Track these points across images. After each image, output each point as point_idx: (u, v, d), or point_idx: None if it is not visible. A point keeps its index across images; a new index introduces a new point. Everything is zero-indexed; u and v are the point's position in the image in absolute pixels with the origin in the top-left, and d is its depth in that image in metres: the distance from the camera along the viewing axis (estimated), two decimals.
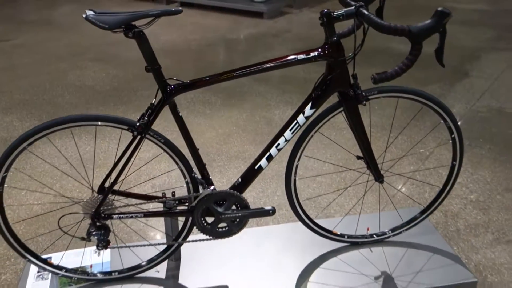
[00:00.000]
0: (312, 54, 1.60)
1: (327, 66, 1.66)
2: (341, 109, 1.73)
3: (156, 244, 1.87)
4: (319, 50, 1.60)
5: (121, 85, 4.29)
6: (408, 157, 3.02)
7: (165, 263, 1.93)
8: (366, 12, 1.48)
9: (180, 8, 1.48)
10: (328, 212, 2.57)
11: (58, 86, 4.28)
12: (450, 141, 1.87)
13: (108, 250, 2.01)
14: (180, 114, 1.66)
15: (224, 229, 1.79)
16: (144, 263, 1.88)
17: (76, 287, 1.85)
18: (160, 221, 2.41)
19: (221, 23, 6.27)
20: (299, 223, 2.05)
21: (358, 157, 1.91)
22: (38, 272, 1.92)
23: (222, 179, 2.87)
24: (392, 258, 1.96)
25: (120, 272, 1.87)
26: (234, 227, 1.79)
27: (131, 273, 1.87)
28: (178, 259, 1.97)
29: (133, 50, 5.33)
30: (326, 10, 1.54)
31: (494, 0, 7.25)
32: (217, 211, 1.74)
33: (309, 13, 6.72)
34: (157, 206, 1.81)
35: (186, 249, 1.98)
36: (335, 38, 1.59)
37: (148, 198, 1.75)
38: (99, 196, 1.67)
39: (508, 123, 3.51)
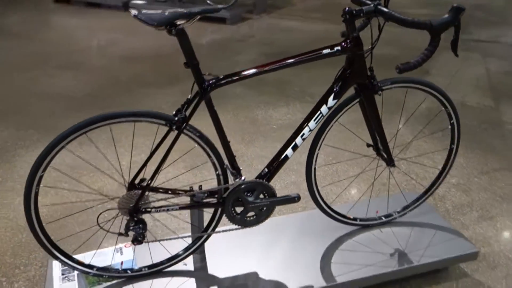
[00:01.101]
0: (336, 48, 1.73)
1: (346, 60, 1.80)
2: (358, 99, 1.87)
3: (187, 236, 1.93)
4: (342, 44, 1.74)
5: (97, 92, 4.25)
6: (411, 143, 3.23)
7: (191, 257, 1.99)
8: (385, 10, 1.63)
9: (220, 6, 1.57)
10: (341, 198, 2.71)
11: (30, 95, 4.17)
12: (449, 127, 2.07)
13: (130, 248, 2.05)
14: (215, 108, 1.74)
15: (252, 218, 1.88)
16: (173, 257, 1.93)
17: (105, 285, 1.87)
18: (179, 216, 2.46)
19: (187, 29, 6.31)
20: (313, 211, 2.18)
21: (368, 145, 2.06)
22: (62, 274, 1.92)
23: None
24: (401, 236, 2.13)
25: (149, 267, 1.91)
26: (262, 216, 1.89)
27: (161, 268, 1.92)
28: (202, 252, 2.03)
29: (99, 57, 5.33)
30: (348, 8, 1.68)
31: (439, 5, 7.78)
32: (247, 201, 1.82)
33: (268, 19, 6.91)
34: (186, 200, 1.86)
35: (208, 242, 2.04)
36: (355, 34, 1.73)
37: (179, 192, 1.81)
38: (136, 191, 1.71)
39: (471, 115, 3.82)
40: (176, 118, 1.66)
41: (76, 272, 1.92)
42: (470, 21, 6.75)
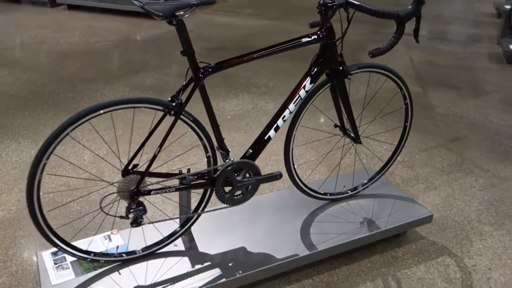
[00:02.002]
0: (312, 37, 1.92)
1: (320, 48, 1.99)
2: (330, 84, 2.07)
3: (180, 217, 2.02)
4: (318, 33, 1.93)
5: (40, 89, 4.12)
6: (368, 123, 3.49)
7: (179, 238, 2.09)
8: (356, 2, 1.84)
9: None
10: (313, 175, 2.92)
11: None
12: (404, 106, 2.35)
13: (118, 234, 2.10)
14: (207, 93, 1.85)
15: (239, 196, 2.02)
16: (164, 239, 2.02)
17: (100, 270, 1.92)
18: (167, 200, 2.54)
19: (120, 25, 6.23)
20: (287, 190, 2.36)
21: (336, 125, 2.28)
22: (55, 263, 1.94)
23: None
24: (366, 207, 2.37)
25: (143, 249, 1.98)
26: (248, 193, 2.03)
27: (154, 250, 2.00)
28: (189, 233, 2.13)
29: (33, 54, 5.14)
30: (322, 1, 1.87)
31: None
32: (236, 180, 1.96)
33: (202, 15, 6.99)
34: (181, 182, 1.95)
35: (194, 224, 2.15)
36: (328, 24, 1.92)
37: (172, 175, 1.90)
38: (134, 176, 1.78)
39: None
40: (174, 104, 1.75)
41: (69, 260, 1.95)
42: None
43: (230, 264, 1.97)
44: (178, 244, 2.07)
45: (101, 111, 1.67)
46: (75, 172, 2.89)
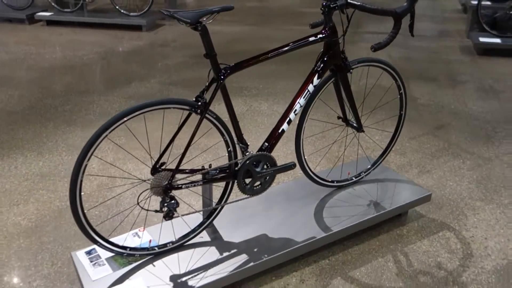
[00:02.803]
0: (318, 36, 2.10)
1: (325, 46, 2.18)
2: (334, 78, 2.26)
3: (203, 210, 2.17)
4: (323, 32, 2.11)
5: (35, 104, 4.18)
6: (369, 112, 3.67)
7: (204, 231, 2.23)
8: (356, 2, 2.04)
9: (232, 5, 1.85)
10: (321, 164, 3.09)
11: None
12: (399, 96, 2.56)
13: (145, 231, 2.23)
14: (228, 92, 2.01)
15: (258, 186, 2.18)
16: (192, 231, 2.16)
17: (135, 264, 2.05)
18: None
19: (103, 39, 6.30)
20: (293, 182, 2.53)
21: (339, 117, 2.47)
22: (91, 261, 2.06)
23: None
24: (370, 191, 2.57)
25: (173, 242, 2.12)
26: (266, 184, 2.19)
27: (183, 242, 2.14)
28: (212, 225, 2.28)
29: (22, 70, 5.18)
30: (325, 3, 2.06)
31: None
32: (255, 171, 2.12)
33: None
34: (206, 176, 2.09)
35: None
36: (331, 24, 2.11)
37: (198, 170, 2.04)
38: (164, 173, 1.92)
39: (388, 93, 4.45)
40: (199, 103, 1.90)
41: (104, 257, 2.07)
42: (369, 16, 7.60)
43: (255, 250, 2.13)
44: (203, 236, 2.22)
45: (136, 113, 1.80)
46: (107, 172, 3.04)
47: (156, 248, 2.08)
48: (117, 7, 6.80)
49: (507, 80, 4.73)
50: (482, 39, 5.43)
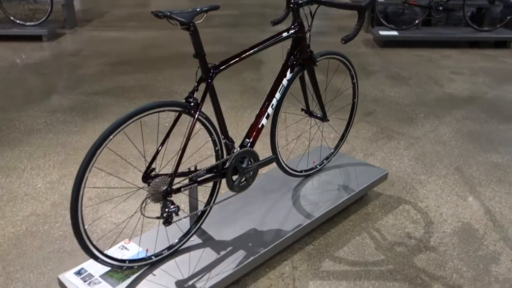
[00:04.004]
0: (290, 31, 2.20)
1: (293, 41, 2.28)
2: (303, 71, 2.37)
3: (198, 212, 2.14)
4: (293, 28, 2.21)
5: None
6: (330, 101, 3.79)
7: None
8: None
9: (218, 5, 1.86)
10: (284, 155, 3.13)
11: None
12: (352, 86, 2.75)
13: (131, 243, 2.15)
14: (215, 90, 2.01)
15: (244, 183, 2.22)
16: (183, 235, 2.13)
17: (135, 276, 1.97)
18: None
19: (1, 52, 5.77)
20: (264, 175, 2.61)
21: (302, 109, 2.59)
22: (85, 281, 1.93)
23: None
24: (335, 176, 2.73)
25: (168, 248, 2.07)
26: (250, 179, 2.24)
27: (177, 247, 2.10)
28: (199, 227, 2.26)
29: None
30: (294, 0, 2.16)
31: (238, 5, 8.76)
32: (242, 167, 2.15)
33: (86, 32, 6.78)
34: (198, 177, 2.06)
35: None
36: (299, 20, 2.22)
37: (191, 172, 2.01)
38: (161, 177, 1.87)
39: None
40: (192, 104, 1.89)
41: (97, 275, 1.96)
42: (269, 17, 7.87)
43: (249, 245, 2.16)
44: (194, 239, 2.19)
45: (132, 120, 1.74)
46: (104, 182, 2.85)
47: (153, 257, 2.02)
48: (11, 18, 6.26)
49: (410, 67, 5.26)
50: (382, 32, 5.96)
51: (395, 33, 5.96)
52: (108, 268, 1.98)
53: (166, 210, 1.87)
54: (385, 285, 2.16)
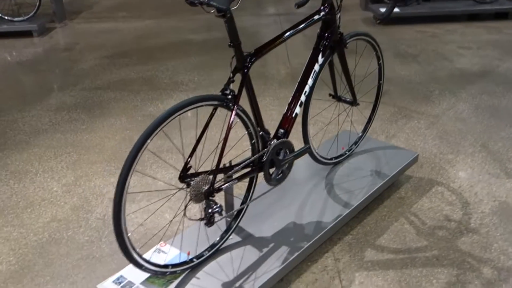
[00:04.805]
0: (321, 13, 2.08)
1: (323, 24, 2.16)
2: (333, 54, 2.26)
3: (235, 211, 2.03)
4: (324, 10, 2.09)
5: None
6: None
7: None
8: None
9: None
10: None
11: None
12: (378, 67, 2.64)
13: (167, 245, 2.04)
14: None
15: (280, 175, 2.11)
16: (224, 232, 2.03)
17: (177, 282, 1.86)
18: None
19: None
20: (296, 163, 2.51)
21: (330, 94, 2.48)
22: None
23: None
24: (366, 162, 2.63)
25: (208, 249, 1.97)
26: (286, 171, 2.13)
27: (217, 247, 2.00)
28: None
29: None
30: None
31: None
32: (278, 159, 2.05)
33: (77, 25, 6.55)
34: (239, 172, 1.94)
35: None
36: (330, 1, 2.10)
37: (228, 169, 1.89)
38: (204, 175, 1.76)
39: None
40: (230, 97, 1.77)
41: (138, 282, 1.85)
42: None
43: (292, 239, 2.07)
44: (232, 237, 2.09)
45: (171, 118, 1.62)
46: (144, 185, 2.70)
47: (194, 259, 1.91)
48: None
49: (416, 44, 5.16)
50: (382, 9, 5.83)
51: (396, 9, 5.84)
52: (148, 274, 1.88)
53: (210, 210, 1.76)
54: (433, 271, 2.09)
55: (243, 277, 1.87)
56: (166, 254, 1.99)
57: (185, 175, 1.78)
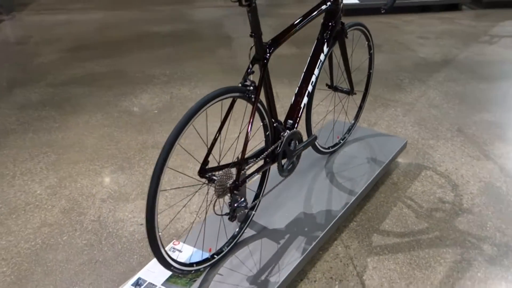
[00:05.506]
0: (328, 3, 2.08)
1: (327, 14, 2.17)
2: (336, 43, 2.27)
3: (250, 206, 2.00)
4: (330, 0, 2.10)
5: None
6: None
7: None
8: None
9: None
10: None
11: None
12: (369, 56, 2.69)
13: (180, 243, 1.98)
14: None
15: (291, 166, 2.11)
16: (239, 229, 2.00)
17: (200, 280, 1.82)
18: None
19: None
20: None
21: (327, 84, 2.50)
22: None
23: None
24: (360, 150, 2.68)
25: (227, 244, 1.93)
26: (296, 161, 2.13)
27: (235, 241, 1.97)
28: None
29: None
30: None
31: None
32: (290, 150, 2.04)
33: (25, 17, 6.18)
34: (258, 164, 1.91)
35: None
36: None
37: (249, 160, 1.86)
38: (227, 169, 1.72)
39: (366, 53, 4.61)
40: (251, 88, 1.74)
41: (159, 283, 1.79)
42: None
43: (306, 229, 2.08)
44: (246, 231, 2.07)
45: (199, 113, 1.57)
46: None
47: (215, 255, 1.87)
48: None
49: (379, 35, 5.31)
50: (344, 1, 5.93)
51: (355, 1, 5.98)
52: (167, 274, 1.82)
53: (236, 204, 1.73)
54: (439, 252, 2.18)
55: (266, 270, 1.86)
56: (181, 252, 1.94)
57: (205, 170, 1.73)
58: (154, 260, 1.90)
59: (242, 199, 1.75)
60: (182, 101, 3.69)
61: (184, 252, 1.94)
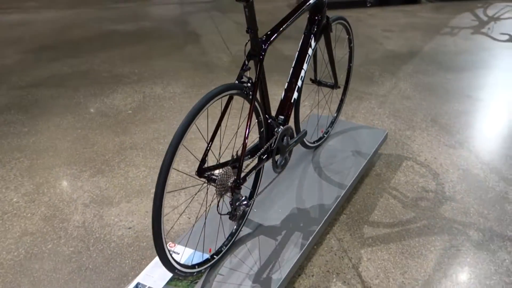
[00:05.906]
0: None
1: (313, 8, 2.17)
2: (321, 37, 2.28)
3: (250, 204, 1.98)
4: None
5: None
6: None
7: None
8: None
9: None
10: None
11: None
12: (349, 50, 2.72)
13: (176, 245, 1.94)
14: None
15: (284, 161, 2.11)
16: (237, 227, 1.98)
17: (202, 281, 1.79)
18: None
19: None
20: None
21: (311, 79, 2.51)
22: None
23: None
24: (344, 143, 2.71)
25: (226, 244, 1.91)
26: (289, 156, 2.13)
27: (233, 240, 1.94)
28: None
29: None
30: None
31: None
32: (283, 146, 2.04)
33: None
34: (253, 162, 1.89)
35: None
36: None
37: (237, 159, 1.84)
38: (227, 168, 1.69)
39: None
40: (250, 85, 1.71)
41: (160, 286, 1.74)
42: None
43: (301, 225, 2.08)
44: (242, 229, 2.05)
45: (201, 112, 1.53)
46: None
47: (215, 256, 1.84)
48: None
49: None
50: None
51: None
52: (167, 278, 1.78)
53: (238, 203, 1.71)
54: (429, 240, 2.23)
55: (267, 268, 1.85)
56: (179, 254, 1.90)
57: (203, 169, 1.69)
58: (151, 264, 1.86)
59: (243, 197, 1.73)
60: (156, 101, 3.61)
61: (182, 254, 1.90)
